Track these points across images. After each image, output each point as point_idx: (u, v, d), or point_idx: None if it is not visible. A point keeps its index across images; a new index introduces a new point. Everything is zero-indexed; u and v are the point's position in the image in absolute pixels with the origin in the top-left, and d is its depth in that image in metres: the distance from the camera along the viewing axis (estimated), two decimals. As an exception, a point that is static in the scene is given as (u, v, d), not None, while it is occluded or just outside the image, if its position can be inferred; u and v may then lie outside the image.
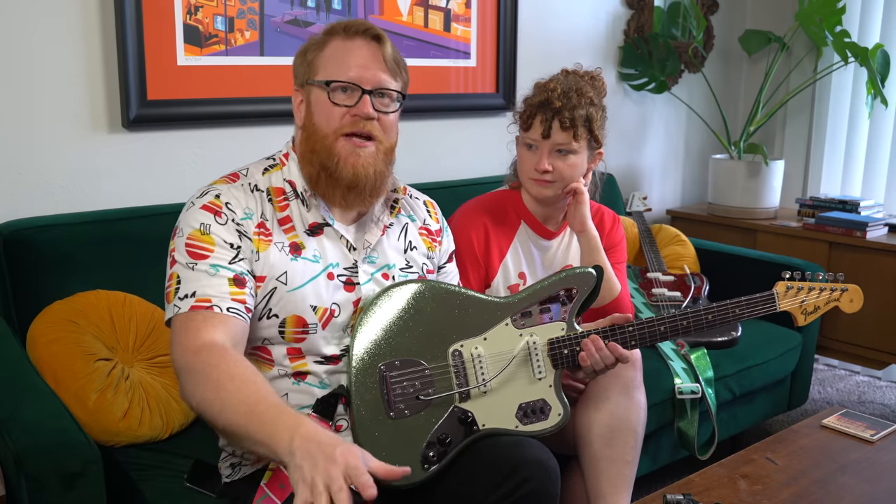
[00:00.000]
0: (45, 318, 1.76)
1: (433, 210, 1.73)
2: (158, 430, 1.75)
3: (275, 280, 1.44)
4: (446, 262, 1.74)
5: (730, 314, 1.65)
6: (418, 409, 1.47)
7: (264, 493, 1.37)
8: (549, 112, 1.82)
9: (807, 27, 3.22)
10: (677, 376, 2.20)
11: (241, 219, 1.44)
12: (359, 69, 1.46)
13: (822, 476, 1.71)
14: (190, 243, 1.40)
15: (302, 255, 1.47)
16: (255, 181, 1.50)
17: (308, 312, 1.46)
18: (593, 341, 1.57)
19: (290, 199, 1.51)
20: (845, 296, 1.70)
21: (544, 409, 1.55)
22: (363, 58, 1.47)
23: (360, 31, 1.48)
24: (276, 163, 1.55)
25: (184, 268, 1.40)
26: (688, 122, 3.62)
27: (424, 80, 2.65)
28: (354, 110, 1.45)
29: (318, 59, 1.49)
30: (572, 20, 3.07)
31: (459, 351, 1.54)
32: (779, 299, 1.67)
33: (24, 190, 1.98)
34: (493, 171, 2.68)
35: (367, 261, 1.54)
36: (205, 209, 1.43)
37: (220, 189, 1.46)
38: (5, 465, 1.36)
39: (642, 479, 2.06)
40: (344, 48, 1.47)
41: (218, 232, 1.41)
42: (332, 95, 1.46)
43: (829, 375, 3.43)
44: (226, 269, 1.40)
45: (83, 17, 2.01)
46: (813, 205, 3.30)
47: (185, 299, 1.37)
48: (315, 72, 1.48)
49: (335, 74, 1.46)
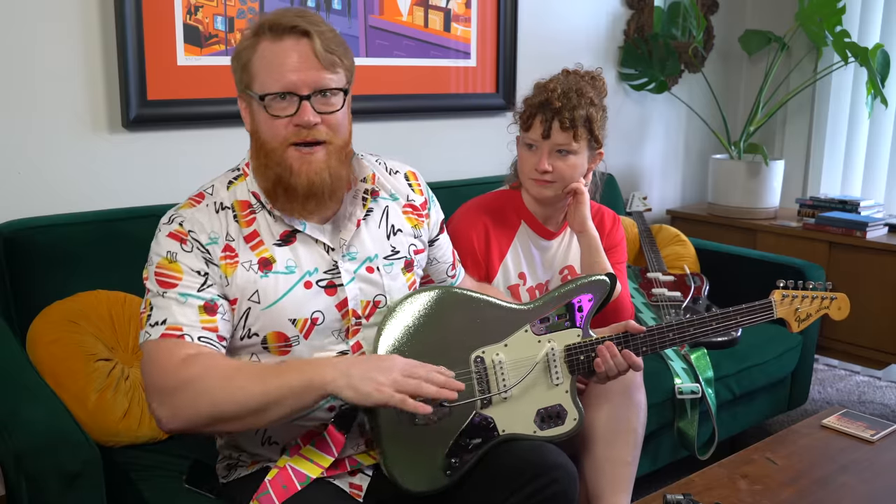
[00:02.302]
0: (45, 318, 1.76)
1: (415, 182, 1.65)
2: (158, 430, 1.75)
3: (247, 301, 1.40)
4: (438, 234, 1.68)
5: (732, 321, 1.69)
6: (441, 415, 1.48)
7: (266, 489, 1.37)
8: (549, 112, 1.82)
9: (807, 27, 3.22)
10: (677, 376, 2.20)
11: (207, 244, 1.40)
12: (292, 73, 1.36)
13: (822, 476, 1.71)
14: (159, 272, 1.38)
15: (273, 270, 1.42)
16: (219, 199, 1.45)
17: (287, 326, 1.43)
18: (608, 348, 1.59)
19: (256, 212, 1.45)
20: (834, 304, 1.75)
21: (561, 414, 1.57)
22: (295, 60, 1.37)
23: (286, 29, 1.37)
24: (240, 173, 1.49)
25: (155, 295, 1.38)
26: (688, 122, 3.62)
27: (424, 80, 2.64)
28: (295, 119, 1.38)
29: (251, 64, 1.39)
30: (572, 20, 3.07)
31: (482, 357, 1.54)
32: (776, 307, 1.72)
33: (24, 190, 1.98)
34: (493, 171, 2.68)
35: (348, 258, 1.48)
36: (171, 237, 1.39)
37: (183, 216, 1.41)
38: (5, 465, 1.36)
39: (642, 479, 2.06)
40: (273, 52, 1.37)
41: (184, 260, 1.38)
42: (270, 108, 1.38)
43: (829, 375, 3.43)
44: (195, 298, 1.37)
45: (83, 17, 2.01)
46: (813, 205, 3.30)
47: (156, 326, 1.35)
48: (251, 79, 1.40)
49: (268, 86, 1.37)
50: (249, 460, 1.49)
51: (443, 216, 1.71)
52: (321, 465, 1.41)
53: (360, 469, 1.49)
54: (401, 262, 1.56)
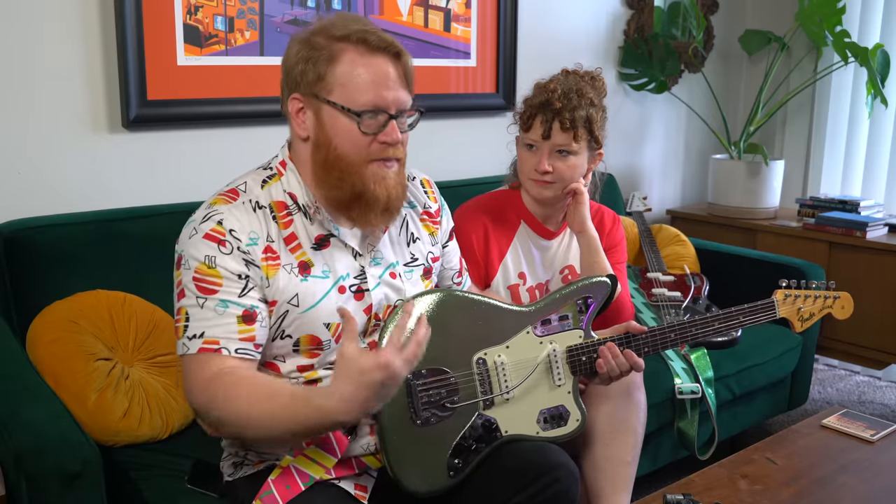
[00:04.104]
0: (45, 318, 1.76)
1: (430, 189, 1.66)
2: (158, 429, 1.75)
3: (286, 303, 1.40)
4: (447, 241, 1.69)
5: (735, 321, 1.69)
6: (444, 416, 1.48)
7: (269, 489, 1.37)
8: (550, 113, 1.82)
9: (807, 27, 3.22)
10: (677, 376, 2.20)
11: (247, 245, 1.37)
12: (387, 92, 1.37)
13: (822, 476, 1.71)
14: (198, 277, 1.35)
15: (311, 274, 1.43)
16: (255, 197, 1.43)
17: (321, 330, 1.44)
18: (610, 349, 1.60)
19: (293, 214, 1.44)
20: (837, 303, 1.76)
21: (563, 415, 1.58)
22: (388, 79, 1.37)
23: (381, 48, 1.37)
24: (274, 172, 1.47)
25: (193, 304, 1.36)
26: (688, 122, 3.62)
27: (424, 80, 2.64)
28: (383, 137, 1.39)
29: (331, 72, 1.36)
30: (572, 20, 3.07)
31: (483, 359, 1.55)
32: (778, 306, 1.72)
33: (24, 190, 1.98)
34: (493, 171, 2.68)
35: (374, 263, 1.51)
36: (208, 238, 1.36)
37: (221, 213, 1.38)
38: (5, 465, 1.36)
39: (642, 479, 2.06)
40: (365, 66, 1.36)
41: (224, 264, 1.35)
42: (363, 124, 1.37)
43: (829, 375, 3.43)
44: (235, 305, 1.36)
45: (83, 17, 2.01)
46: (813, 205, 3.30)
47: (194, 339, 1.35)
48: (329, 88, 1.37)
49: (359, 100, 1.36)
50: (256, 459, 1.49)
51: (453, 224, 1.73)
52: (325, 465, 1.41)
53: (367, 471, 1.49)
54: (420, 269, 1.59)
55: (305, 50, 1.38)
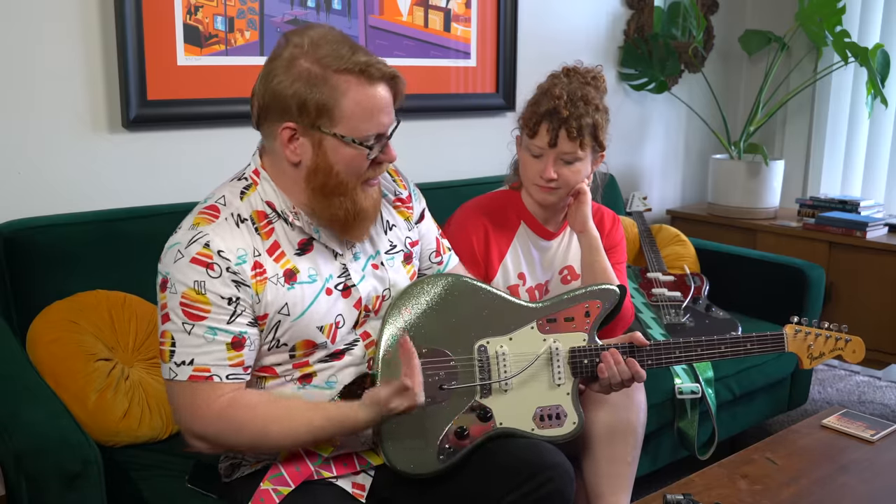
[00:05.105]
0: (45, 318, 1.76)
1: (398, 177, 1.66)
2: (158, 430, 1.75)
3: (277, 314, 1.40)
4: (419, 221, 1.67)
5: (741, 347, 1.68)
6: (440, 399, 1.50)
7: (267, 487, 1.38)
8: (557, 121, 1.79)
9: (807, 27, 3.22)
10: (677, 376, 2.20)
11: (236, 264, 1.35)
12: (385, 118, 1.40)
13: (822, 476, 1.71)
14: (185, 303, 1.33)
15: (298, 281, 1.42)
16: (235, 210, 1.40)
17: (315, 334, 1.44)
18: (612, 355, 1.60)
19: (273, 222, 1.43)
20: (849, 346, 1.73)
21: (560, 415, 1.58)
22: (386, 105, 1.40)
23: (381, 77, 1.37)
24: (250, 182, 1.44)
25: (179, 329, 1.34)
26: (688, 122, 3.62)
27: (424, 80, 2.64)
28: (381, 158, 1.42)
29: (338, 106, 1.34)
30: (572, 20, 3.07)
31: (485, 347, 1.56)
32: (787, 341, 1.71)
33: (24, 190, 1.98)
34: (493, 171, 2.67)
35: (353, 259, 1.51)
36: (195, 263, 1.33)
37: (207, 234, 1.35)
38: (5, 465, 1.36)
39: (642, 479, 2.06)
40: (367, 97, 1.36)
41: (213, 288, 1.33)
42: (371, 153, 1.39)
43: (829, 375, 3.43)
44: (224, 333, 1.35)
45: (83, 17, 2.01)
46: (813, 205, 3.30)
47: (182, 366, 1.35)
48: (334, 122, 1.35)
49: (365, 130, 1.37)
50: (253, 459, 1.49)
51: (425, 205, 1.71)
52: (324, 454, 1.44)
53: (365, 469, 1.49)
54: (400, 255, 1.60)
55: (301, 82, 1.34)
